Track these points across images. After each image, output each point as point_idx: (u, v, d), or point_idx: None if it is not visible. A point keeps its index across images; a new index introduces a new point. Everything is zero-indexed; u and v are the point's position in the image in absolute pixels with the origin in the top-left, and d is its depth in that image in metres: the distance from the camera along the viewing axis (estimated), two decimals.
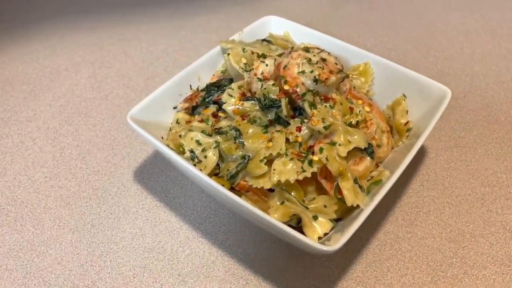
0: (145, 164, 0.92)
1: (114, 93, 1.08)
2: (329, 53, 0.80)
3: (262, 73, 0.77)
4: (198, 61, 0.87)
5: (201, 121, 0.79)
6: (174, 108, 0.85)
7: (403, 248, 0.79)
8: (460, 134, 0.98)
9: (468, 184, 0.88)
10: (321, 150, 0.70)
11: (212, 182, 0.67)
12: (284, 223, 0.71)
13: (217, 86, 0.82)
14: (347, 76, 0.80)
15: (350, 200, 0.68)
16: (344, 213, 0.72)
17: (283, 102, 0.73)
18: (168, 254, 0.78)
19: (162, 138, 0.82)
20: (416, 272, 0.76)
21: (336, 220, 0.72)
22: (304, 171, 0.69)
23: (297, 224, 0.72)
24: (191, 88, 0.86)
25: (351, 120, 0.77)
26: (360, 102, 0.81)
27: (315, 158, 0.70)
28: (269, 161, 0.71)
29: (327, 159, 0.69)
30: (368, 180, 0.74)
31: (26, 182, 0.89)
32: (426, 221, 0.83)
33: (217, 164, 0.76)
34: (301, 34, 0.97)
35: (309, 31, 0.96)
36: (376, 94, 0.90)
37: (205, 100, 0.81)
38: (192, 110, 0.83)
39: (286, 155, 0.71)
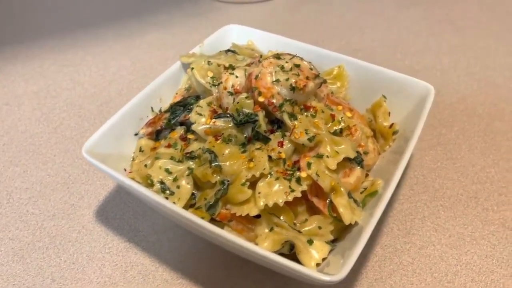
0: (108, 200, 0.81)
1: (65, 125, 0.96)
2: (302, 58, 0.74)
3: (233, 86, 0.69)
4: (157, 80, 0.78)
5: (169, 146, 0.70)
6: (136, 134, 0.75)
7: (404, 261, 0.72)
8: (441, 131, 0.93)
9: (459, 183, 0.84)
10: (309, 165, 0.63)
11: (191, 216, 0.58)
12: (276, 251, 0.63)
13: (183, 105, 0.73)
14: (325, 81, 0.73)
15: (347, 218, 0.61)
16: (341, 232, 0.65)
17: (260, 116, 0.65)
18: None
19: (125, 170, 0.72)
20: (422, 287, 0.69)
21: (333, 241, 0.64)
22: (293, 190, 0.61)
23: (290, 251, 0.64)
24: (152, 111, 0.77)
25: (335, 128, 0.70)
26: (340, 108, 0.75)
27: (303, 174, 0.62)
28: (252, 184, 0.63)
29: (317, 174, 0.61)
30: (361, 193, 0.67)
31: None
32: (423, 228, 0.77)
33: (192, 194, 0.67)
34: (266, 41, 0.90)
35: (274, 38, 0.89)
36: (352, 98, 0.84)
37: (170, 122, 0.72)
38: (156, 135, 0.74)
39: (271, 174, 0.63)
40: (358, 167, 0.68)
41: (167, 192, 0.64)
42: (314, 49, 0.85)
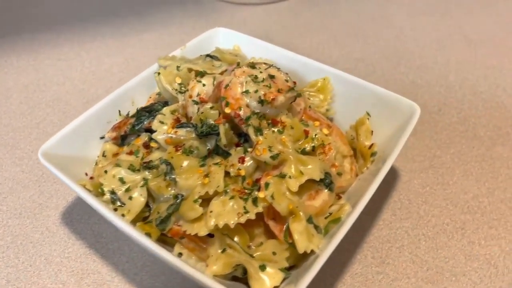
0: (76, 203, 0.79)
1: (48, 120, 0.95)
2: (278, 68, 0.69)
3: (199, 94, 0.66)
4: (130, 83, 0.76)
5: (130, 153, 0.67)
6: (102, 138, 0.73)
7: None
8: (436, 153, 0.87)
9: (446, 212, 0.77)
10: (266, 185, 0.59)
11: (132, 232, 0.55)
12: (228, 274, 0.59)
13: (149, 111, 0.70)
14: (300, 95, 0.68)
15: (301, 245, 0.56)
16: (299, 259, 0.60)
17: (221, 128, 0.61)
18: None
19: (87, 174, 0.70)
20: None
21: (290, 268, 0.60)
22: (247, 212, 0.57)
23: (244, 275, 0.60)
24: (120, 114, 0.74)
25: (306, 146, 0.65)
26: (317, 123, 0.70)
27: (261, 195, 0.58)
28: (207, 201, 0.60)
29: (272, 196, 0.57)
30: (326, 218, 0.63)
31: None
32: (399, 259, 0.71)
33: (149, 206, 0.64)
34: (253, 48, 0.86)
35: (261, 44, 0.85)
36: (337, 113, 0.79)
37: (134, 128, 0.69)
38: (121, 140, 0.71)
39: (226, 192, 0.59)
40: (326, 190, 0.63)
41: (117, 203, 0.61)
42: (300, 59, 0.81)
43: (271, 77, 0.67)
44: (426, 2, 1.30)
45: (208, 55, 0.78)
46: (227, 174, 0.60)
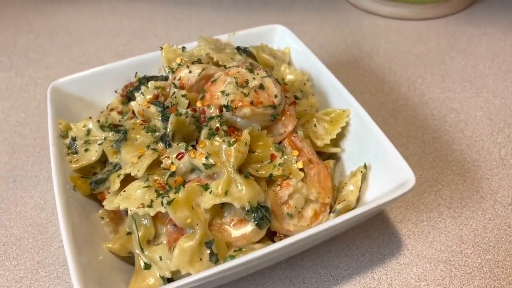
0: None
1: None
2: (278, 82, 0.63)
3: (180, 79, 0.64)
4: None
5: (120, 112, 0.71)
6: (116, 92, 0.78)
7: None
8: (465, 251, 0.68)
9: None
10: (178, 189, 0.56)
11: (54, 175, 0.59)
12: (127, 257, 0.60)
13: (149, 80, 0.72)
14: (277, 115, 0.61)
15: (175, 262, 0.52)
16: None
17: (172, 117, 0.59)
18: (48, 237, 0.72)
19: (90, 118, 0.76)
20: None
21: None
22: (150, 206, 0.56)
23: None
24: (135, 76, 0.77)
25: (263, 170, 0.59)
26: (295, 153, 0.62)
27: (171, 196, 0.55)
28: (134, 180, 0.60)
29: (169, 203, 0.53)
30: (235, 251, 0.56)
31: None
32: None
33: (106, 165, 0.67)
34: (301, 56, 0.79)
35: (310, 57, 0.77)
36: (346, 152, 0.69)
37: (132, 92, 0.72)
38: (128, 100, 0.75)
39: (147, 180, 0.58)
40: (251, 224, 0.56)
41: (71, 149, 0.66)
42: (335, 83, 0.71)
43: (261, 87, 0.62)
44: None
45: (239, 48, 0.75)
46: (160, 163, 0.59)
